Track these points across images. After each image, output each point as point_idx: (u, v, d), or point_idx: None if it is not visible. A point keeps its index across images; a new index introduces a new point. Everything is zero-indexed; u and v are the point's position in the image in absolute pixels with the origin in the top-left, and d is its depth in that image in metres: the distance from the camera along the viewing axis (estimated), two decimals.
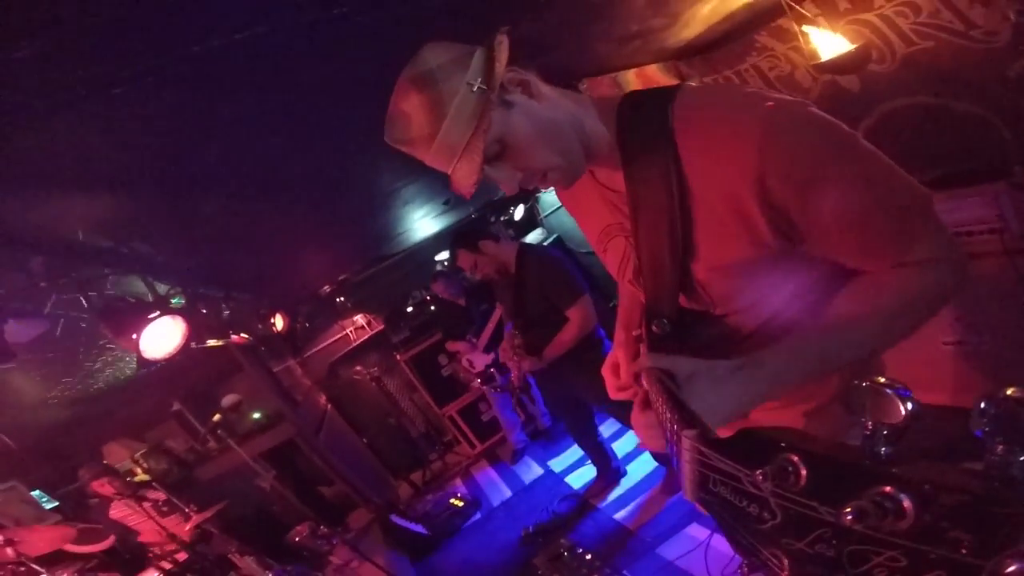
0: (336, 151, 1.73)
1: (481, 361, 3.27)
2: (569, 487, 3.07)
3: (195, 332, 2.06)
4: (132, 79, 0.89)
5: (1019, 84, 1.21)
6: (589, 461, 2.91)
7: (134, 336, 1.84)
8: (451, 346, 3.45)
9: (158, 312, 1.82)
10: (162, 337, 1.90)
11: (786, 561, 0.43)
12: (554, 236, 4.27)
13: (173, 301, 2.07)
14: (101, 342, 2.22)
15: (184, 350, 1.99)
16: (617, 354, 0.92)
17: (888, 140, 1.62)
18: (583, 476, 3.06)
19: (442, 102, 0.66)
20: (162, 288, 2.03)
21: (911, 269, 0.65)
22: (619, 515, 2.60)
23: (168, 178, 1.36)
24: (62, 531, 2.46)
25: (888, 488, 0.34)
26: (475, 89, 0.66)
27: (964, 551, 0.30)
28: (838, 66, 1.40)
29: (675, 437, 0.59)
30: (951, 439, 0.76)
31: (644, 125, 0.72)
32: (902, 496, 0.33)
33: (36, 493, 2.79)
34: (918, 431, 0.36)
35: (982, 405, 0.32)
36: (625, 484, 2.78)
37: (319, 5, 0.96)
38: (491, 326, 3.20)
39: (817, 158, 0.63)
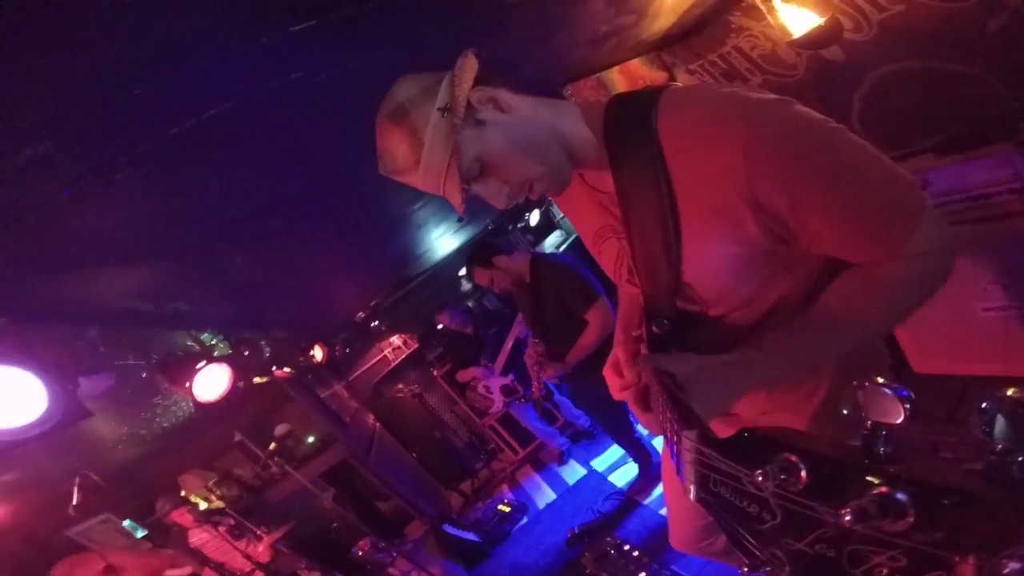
0: (342, 188, 1.81)
1: (498, 383, 3.29)
2: (613, 485, 3.06)
3: (241, 373, 2.26)
4: (131, 163, 0.99)
5: (1003, 37, 1.11)
6: (630, 459, 2.89)
7: (187, 384, 2.05)
8: (462, 376, 3.47)
9: (205, 362, 2.01)
10: (212, 382, 2.10)
11: (786, 561, 0.43)
12: (572, 236, 4.26)
13: (217, 350, 2.27)
14: (162, 387, 2.46)
15: (233, 390, 2.19)
16: (617, 353, 0.92)
17: (885, 107, 1.53)
18: (626, 474, 3.04)
19: (417, 132, 0.69)
20: (206, 337, 2.24)
21: (905, 261, 0.65)
22: (665, 511, 2.57)
23: (189, 242, 1.50)
24: (158, 558, 2.75)
25: (888, 488, 0.34)
26: (444, 115, 0.68)
27: (964, 551, 0.30)
28: (812, 41, 1.34)
29: (676, 437, 0.60)
30: None
31: (630, 128, 0.72)
32: (902, 496, 0.33)
33: (127, 523, 3.07)
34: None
35: (983, 405, 0.32)
36: None
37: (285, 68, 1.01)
38: (507, 346, 3.20)
39: (801, 155, 0.62)
